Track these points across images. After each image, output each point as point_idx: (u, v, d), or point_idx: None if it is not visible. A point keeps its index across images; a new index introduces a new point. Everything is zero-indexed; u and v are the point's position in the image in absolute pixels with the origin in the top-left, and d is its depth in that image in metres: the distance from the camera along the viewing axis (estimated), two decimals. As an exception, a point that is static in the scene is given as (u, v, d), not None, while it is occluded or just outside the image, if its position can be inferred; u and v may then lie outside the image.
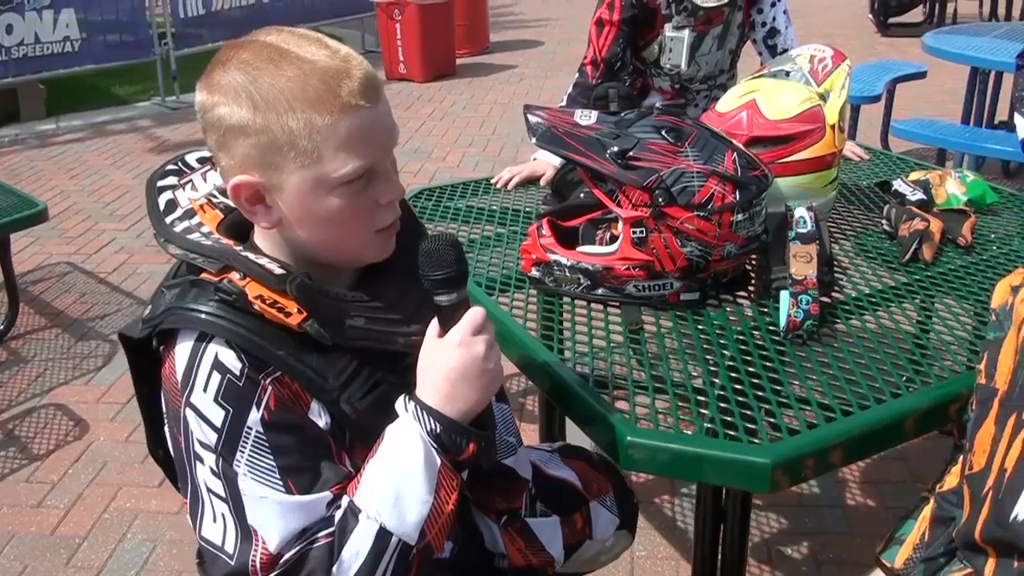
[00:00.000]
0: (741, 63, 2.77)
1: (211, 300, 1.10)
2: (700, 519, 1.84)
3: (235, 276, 1.11)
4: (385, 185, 1.15)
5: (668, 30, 2.13)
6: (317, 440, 1.13)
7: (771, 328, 1.66)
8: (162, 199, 1.23)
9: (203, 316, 1.09)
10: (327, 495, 1.11)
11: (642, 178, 1.63)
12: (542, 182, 2.46)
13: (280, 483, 1.08)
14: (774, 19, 2.60)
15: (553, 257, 1.78)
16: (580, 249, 1.78)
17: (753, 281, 1.82)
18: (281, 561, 1.07)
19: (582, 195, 2.03)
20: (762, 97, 1.94)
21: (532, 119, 1.70)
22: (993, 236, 2.05)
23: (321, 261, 1.18)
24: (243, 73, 1.07)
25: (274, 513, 1.08)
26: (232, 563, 1.07)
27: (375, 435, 1.15)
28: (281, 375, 1.11)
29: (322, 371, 1.13)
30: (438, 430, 1.11)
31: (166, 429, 1.19)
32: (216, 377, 1.08)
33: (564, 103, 2.59)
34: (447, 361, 1.13)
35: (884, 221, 2.06)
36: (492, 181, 2.53)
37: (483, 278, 1.92)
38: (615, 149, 1.64)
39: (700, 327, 1.68)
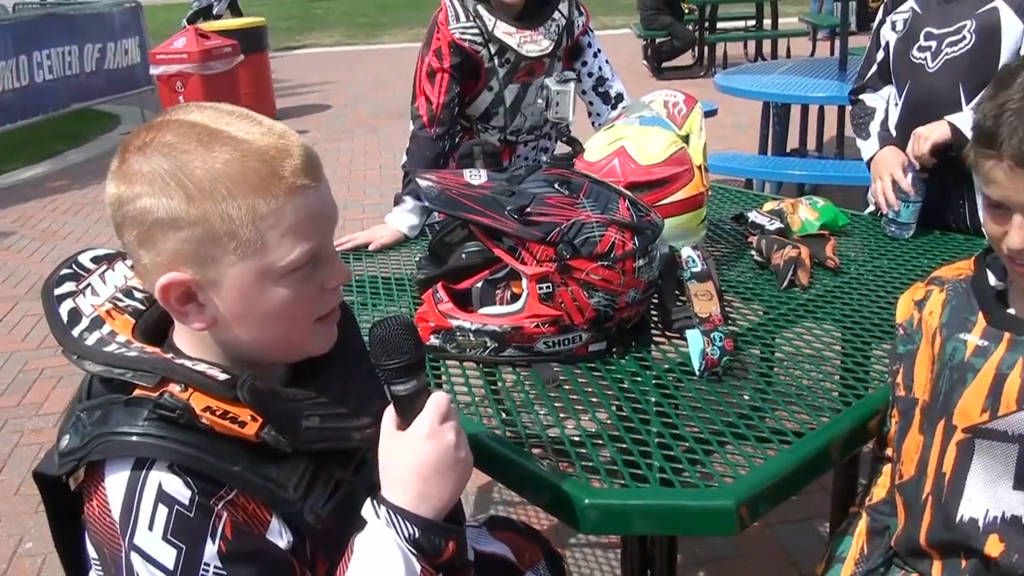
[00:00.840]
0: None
1: (145, 420, 0.96)
2: (627, 567, 1.82)
3: (175, 388, 0.98)
4: (331, 268, 1.06)
5: (552, 84, 2.14)
6: (279, 564, 1.02)
7: (684, 368, 1.68)
8: (63, 309, 1.08)
9: (140, 440, 0.96)
10: None
11: (544, 233, 1.61)
12: (373, 246, 2.40)
13: None
14: (600, 68, 2.70)
15: (455, 323, 1.73)
16: (483, 311, 1.74)
17: (656, 323, 1.84)
18: None
19: (464, 256, 1.99)
20: (631, 144, 1.98)
21: (423, 183, 1.66)
22: (853, 255, 2.17)
23: (256, 360, 1.07)
24: (169, 159, 0.96)
25: None
26: None
27: (338, 543, 1.05)
28: (236, 496, 0.99)
29: (282, 482, 1.03)
30: (416, 535, 1.02)
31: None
32: (163, 511, 0.94)
33: (406, 161, 2.56)
34: (417, 456, 1.04)
35: (754, 252, 2.14)
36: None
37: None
38: (513, 206, 1.62)
39: (616, 376, 1.67)
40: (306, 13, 18.38)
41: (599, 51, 2.72)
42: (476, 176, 1.70)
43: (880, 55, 2.44)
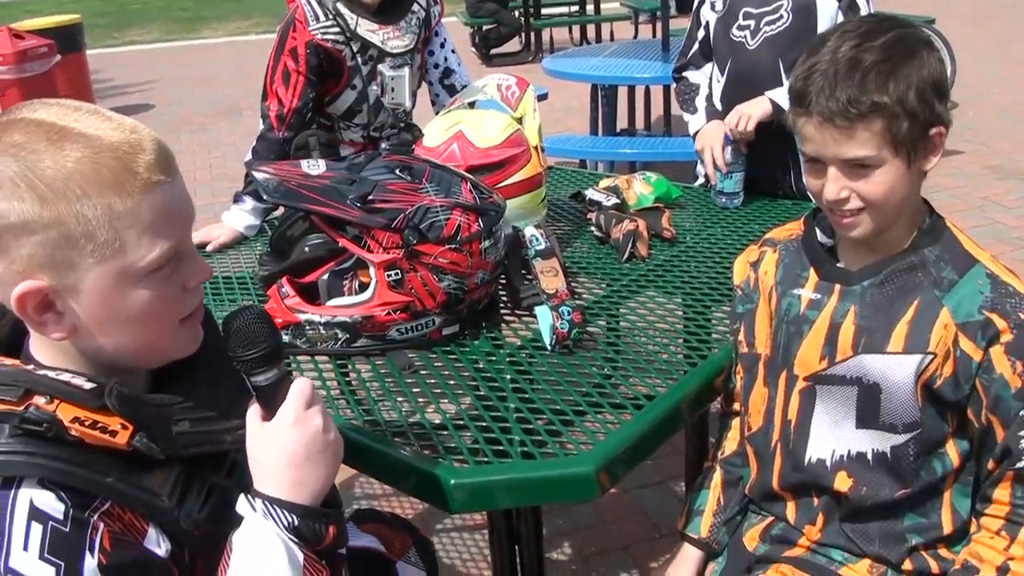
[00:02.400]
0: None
1: (8, 436, 0.92)
2: (496, 545, 1.84)
3: (40, 401, 0.94)
4: (192, 267, 1.03)
5: (387, 70, 2.12)
6: (159, 572, 0.99)
7: (536, 344, 1.71)
8: None
9: (5, 458, 0.91)
10: None
11: (389, 220, 1.61)
12: (211, 247, 2.34)
13: None
14: (446, 59, 2.68)
15: (304, 316, 1.70)
16: (331, 303, 1.72)
17: (506, 302, 1.86)
18: None
19: (307, 249, 1.96)
20: (468, 127, 2.00)
21: (260, 176, 1.62)
22: (688, 226, 2.26)
23: (119, 367, 1.03)
24: (17, 160, 0.91)
25: None
26: None
27: (216, 547, 1.02)
28: (111, 506, 0.95)
29: (156, 490, 0.99)
30: (296, 522, 1.00)
31: None
32: (37, 528, 0.89)
33: (249, 158, 2.48)
34: (285, 444, 1.03)
35: (594, 228, 2.20)
36: None
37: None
38: (355, 194, 1.60)
39: (471, 357, 1.69)
40: (123, 9, 17.50)
41: (446, 41, 2.70)
42: (314, 166, 1.67)
43: (701, 34, 2.54)
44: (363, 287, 1.72)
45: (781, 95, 2.24)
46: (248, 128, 6.88)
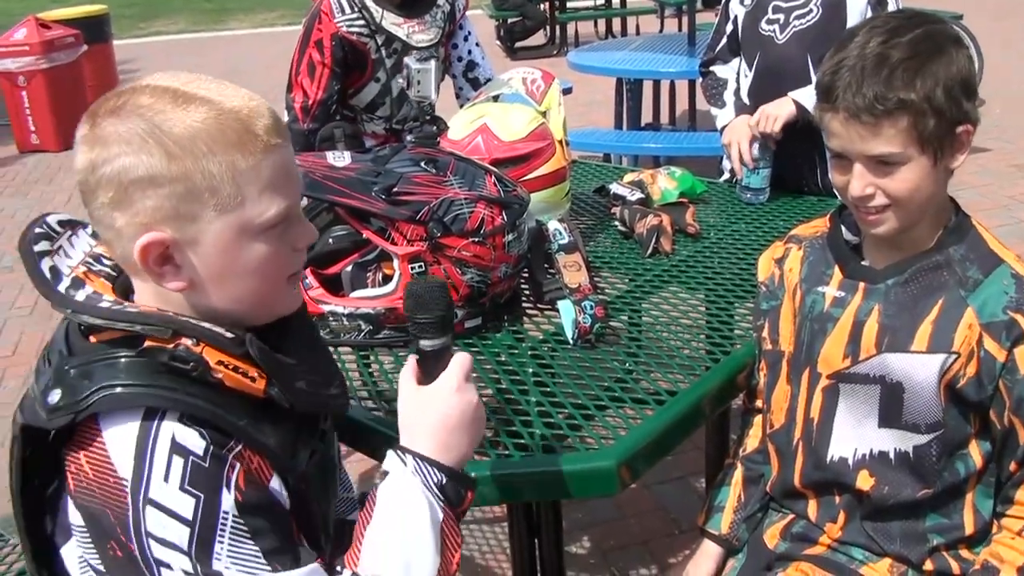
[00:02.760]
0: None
1: (154, 372, 0.96)
2: (515, 538, 1.84)
3: (188, 342, 0.98)
4: (301, 228, 1.08)
5: (413, 63, 2.13)
6: (284, 517, 1.02)
7: (558, 338, 1.71)
8: (44, 266, 1.07)
9: (150, 391, 0.95)
10: (317, 567, 0.99)
11: (413, 212, 1.61)
12: None
13: (268, 568, 0.96)
14: (470, 52, 2.68)
15: (327, 308, 1.71)
16: (355, 294, 1.73)
17: (528, 296, 1.86)
18: None
19: (331, 240, 1.96)
20: (493, 121, 2.00)
21: (287, 168, 1.62)
22: (713, 221, 2.26)
23: (224, 323, 1.05)
24: (144, 119, 0.97)
25: None
26: None
27: (308, 511, 1.07)
28: (243, 449, 0.99)
29: (279, 442, 1.04)
30: (443, 481, 1.05)
31: (75, 546, 1.01)
32: (177, 462, 0.94)
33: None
34: (443, 408, 1.08)
35: (618, 223, 2.20)
36: None
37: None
38: (380, 187, 1.61)
39: (493, 350, 1.69)
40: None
41: (470, 35, 2.70)
42: (340, 158, 1.68)
43: (729, 28, 2.53)
44: (387, 279, 1.73)
45: (805, 95, 2.23)
46: (273, 119, 6.90)
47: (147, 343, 0.98)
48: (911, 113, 1.22)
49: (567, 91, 5.52)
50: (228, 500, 0.95)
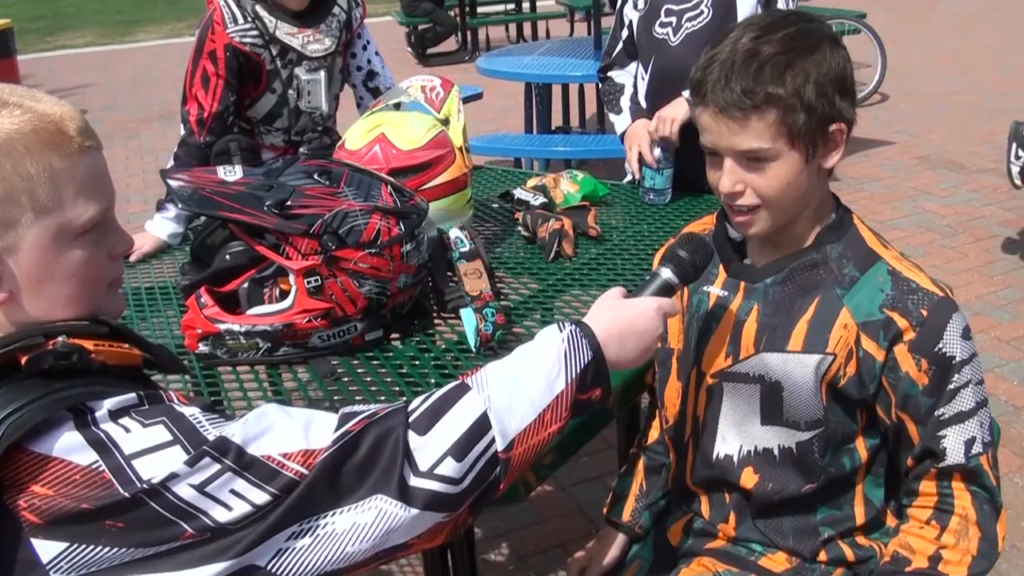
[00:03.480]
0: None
1: (48, 379, 0.93)
2: (427, 553, 1.83)
3: (61, 339, 0.97)
4: (116, 236, 1.07)
5: (303, 74, 2.08)
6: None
7: (461, 347, 1.70)
8: None
9: (60, 394, 0.92)
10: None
11: (306, 225, 1.59)
12: (134, 256, 2.29)
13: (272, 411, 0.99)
14: (369, 62, 2.65)
15: (223, 327, 1.67)
16: (251, 312, 1.69)
17: (428, 307, 1.85)
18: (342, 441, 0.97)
19: (228, 257, 1.93)
20: (390, 129, 1.98)
21: (174, 184, 1.59)
22: (614, 223, 2.27)
23: None
24: None
25: (292, 425, 0.98)
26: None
27: None
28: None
29: None
30: (587, 361, 1.09)
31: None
32: (126, 420, 0.94)
33: (172, 165, 2.43)
34: (633, 314, 1.17)
35: (520, 228, 2.20)
36: None
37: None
38: (272, 201, 1.58)
39: (396, 363, 1.68)
40: (56, 12, 17.09)
41: (369, 43, 2.66)
42: (231, 172, 1.65)
43: (624, 33, 2.55)
44: (283, 295, 1.70)
45: None
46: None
47: (24, 358, 0.95)
48: (780, 108, 1.21)
49: (477, 97, 5.57)
50: (187, 409, 0.97)
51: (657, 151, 2.34)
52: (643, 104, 2.49)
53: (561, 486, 2.86)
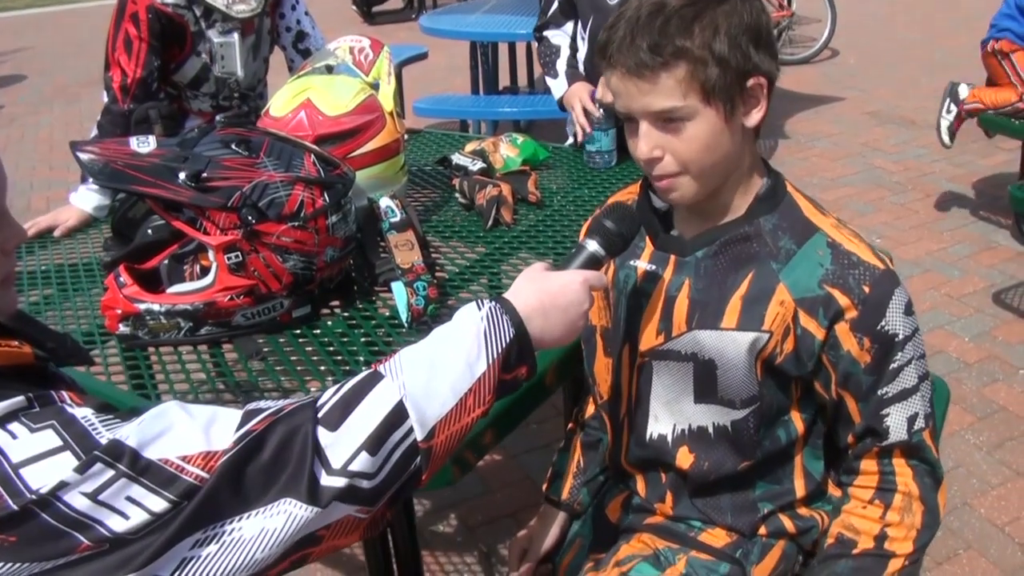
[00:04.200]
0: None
1: None
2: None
3: None
4: (9, 230, 0.99)
5: (215, 37, 1.98)
6: None
7: (393, 322, 1.64)
8: None
9: None
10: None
11: (224, 198, 1.51)
12: (58, 231, 2.20)
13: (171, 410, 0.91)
14: (299, 22, 2.55)
15: (143, 306, 1.59)
16: (171, 290, 1.61)
17: (357, 281, 1.78)
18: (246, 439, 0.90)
19: (150, 231, 1.84)
20: (316, 95, 1.90)
21: (84, 157, 1.50)
22: (555, 187, 2.21)
23: None
24: None
25: (192, 425, 0.91)
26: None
27: None
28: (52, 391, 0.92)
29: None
30: (509, 335, 1.03)
31: None
32: (12, 425, 0.86)
33: (95, 134, 2.33)
34: (558, 287, 1.11)
35: (458, 195, 2.13)
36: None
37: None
38: (186, 173, 1.50)
39: (324, 340, 1.61)
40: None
41: (298, 3, 2.56)
42: (144, 144, 1.55)
43: None
44: (204, 271, 1.62)
45: None
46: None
47: None
48: (689, 61, 1.14)
49: (422, 56, 5.44)
50: (80, 411, 0.90)
51: (600, 111, 2.27)
52: (580, 67, 2.41)
53: (511, 454, 2.82)
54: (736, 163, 1.23)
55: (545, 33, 2.51)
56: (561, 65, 2.43)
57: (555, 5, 2.48)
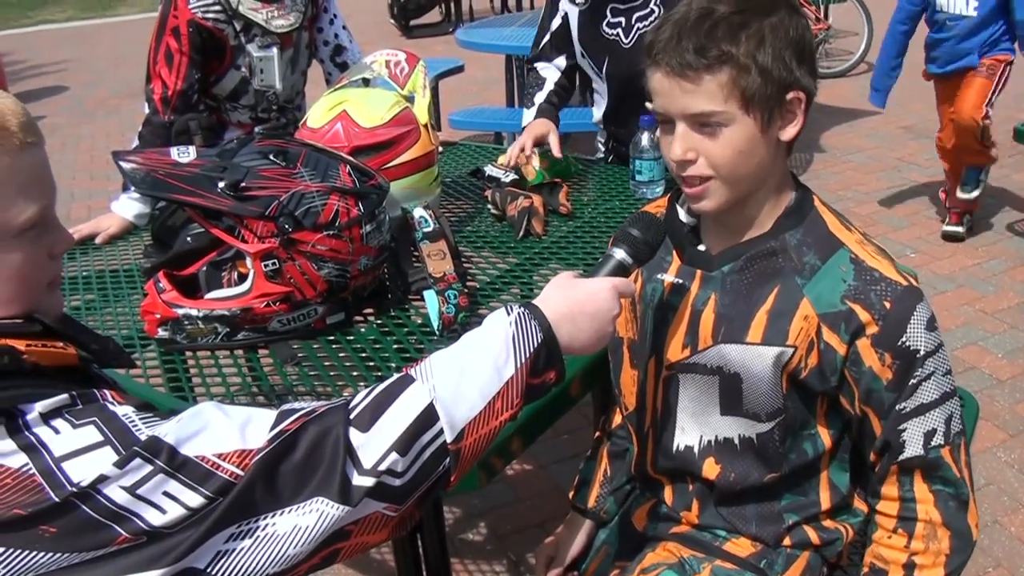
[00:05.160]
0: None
1: None
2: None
3: None
4: (57, 234, 1.04)
5: (255, 51, 2.03)
6: None
7: (424, 329, 1.67)
8: None
9: None
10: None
11: (262, 207, 1.55)
12: (100, 238, 2.25)
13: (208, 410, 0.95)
14: (336, 36, 2.59)
15: (182, 311, 1.64)
16: (209, 296, 1.66)
17: (391, 289, 1.81)
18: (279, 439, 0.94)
19: (189, 239, 1.88)
20: (352, 107, 1.93)
21: (126, 166, 1.55)
22: (586, 200, 2.23)
23: None
24: None
25: (228, 424, 0.95)
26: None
27: None
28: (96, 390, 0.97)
29: None
30: (538, 339, 1.05)
31: None
32: (57, 421, 0.91)
33: (137, 145, 2.39)
34: (587, 294, 1.12)
35: (490, 206, 2.16)
36: None
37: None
38: (226, 183, 1.54)
39: (357, 346, 1.64)
40: (37, -14, 16.90)
41: (336, 18, 2.61)
42: (184, 154, 1.60)
43: (556, 23, 2.45)
44: (242, 278, 1.66)
45: None
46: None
47: None
48: (734, 67, 1.15)
49: (458, 69, 5.49)
50: (121, 409, 0.93)
51: (646, 139, 2.19)
52: (601, 106, 2.42)
53: (541, 464, 2.84)
54: (767, 175, 1.24)
55: (536, 65, 2.52)
56: (539, 97, 2.43)
57: (547, 38, 2.47)
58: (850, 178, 5.03)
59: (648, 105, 1.27)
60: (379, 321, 1.72)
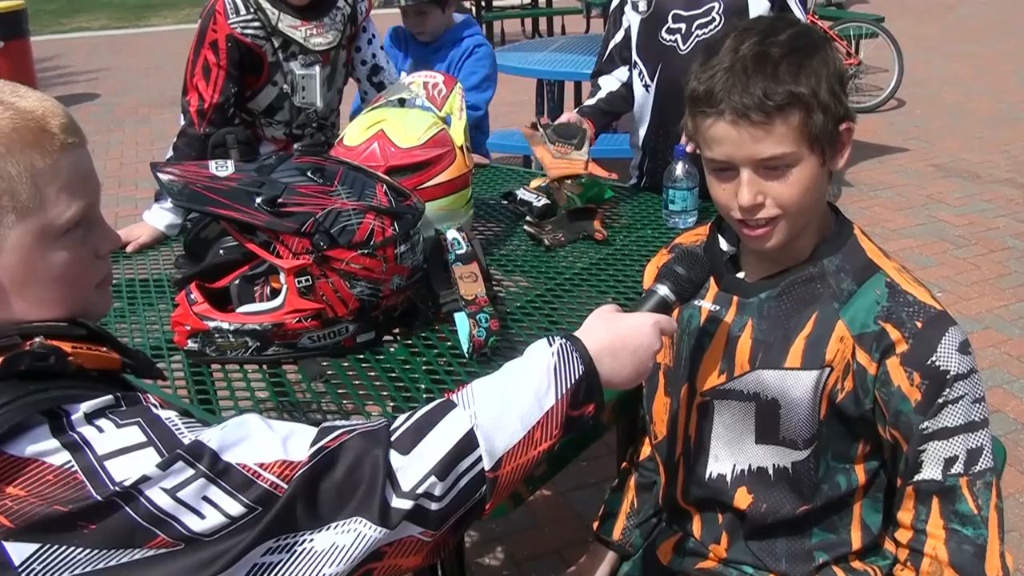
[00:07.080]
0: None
1: (21, 382, 0.90)
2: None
3: (39, 339, 0.95)
4: (102, 232, 1.05)
5: (297, 69, 2.04)
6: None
7: (454, 351, 1.66)
8: None
9: (35, 397, 0.89)
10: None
11: (298, 224, 1.55)
12: (131, 247, 2.26)
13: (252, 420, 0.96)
14: (374, 56, 2.61)
15: (212, 324, 1.64)
16: (241, 310, 1.66)
17: (421, 310, 1.81)
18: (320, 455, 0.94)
19: (222, 251, 1.89)
20: (390, 127, 1.94)
21: (164, 178, 1.55)
22: (618, 226, 2.23)
23: None
24: None
25: (271, 435, 0.95)
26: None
27: None
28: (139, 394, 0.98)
29: None
30: (579, 371, 1.05)
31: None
32: (102, 421, 0.91)
33: (171, 156, 2.40)
34: (629, 329, 1.13)
35: (526, 226, 2.16)
36: None
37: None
38: (263, 198, 1.54)
39: (386, 366, 1.64)
40: (70, -5, 17.14)
41: (374, 38, 2.63)
42: (222, 168, 1.61)
43: (620, 36, 2.47)
44: (274, 293, 1.67)
45: None
46: (192, 120, 6.76)
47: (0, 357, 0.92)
48: (802, 108, 1.16)
49: (489, 92, 5.50)
50: (164, 413, 0.94)
51: (679, 168, 2.18)
52: (647, 114, 2.43)
53: (559, 491, 2.82)
54: (820, 206, 1.26)
55: (599, 79, 2.53)
56: (589, 102, 2.47)
57: (609, 49, 2.49)
58: (877, 214, 5.00)
59: (707, 154, 1.25)
60: (408, 341, 1.72)
